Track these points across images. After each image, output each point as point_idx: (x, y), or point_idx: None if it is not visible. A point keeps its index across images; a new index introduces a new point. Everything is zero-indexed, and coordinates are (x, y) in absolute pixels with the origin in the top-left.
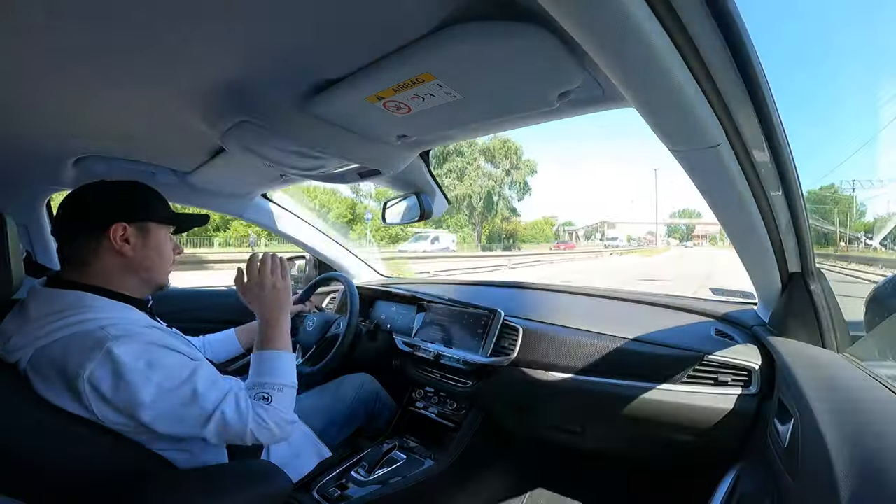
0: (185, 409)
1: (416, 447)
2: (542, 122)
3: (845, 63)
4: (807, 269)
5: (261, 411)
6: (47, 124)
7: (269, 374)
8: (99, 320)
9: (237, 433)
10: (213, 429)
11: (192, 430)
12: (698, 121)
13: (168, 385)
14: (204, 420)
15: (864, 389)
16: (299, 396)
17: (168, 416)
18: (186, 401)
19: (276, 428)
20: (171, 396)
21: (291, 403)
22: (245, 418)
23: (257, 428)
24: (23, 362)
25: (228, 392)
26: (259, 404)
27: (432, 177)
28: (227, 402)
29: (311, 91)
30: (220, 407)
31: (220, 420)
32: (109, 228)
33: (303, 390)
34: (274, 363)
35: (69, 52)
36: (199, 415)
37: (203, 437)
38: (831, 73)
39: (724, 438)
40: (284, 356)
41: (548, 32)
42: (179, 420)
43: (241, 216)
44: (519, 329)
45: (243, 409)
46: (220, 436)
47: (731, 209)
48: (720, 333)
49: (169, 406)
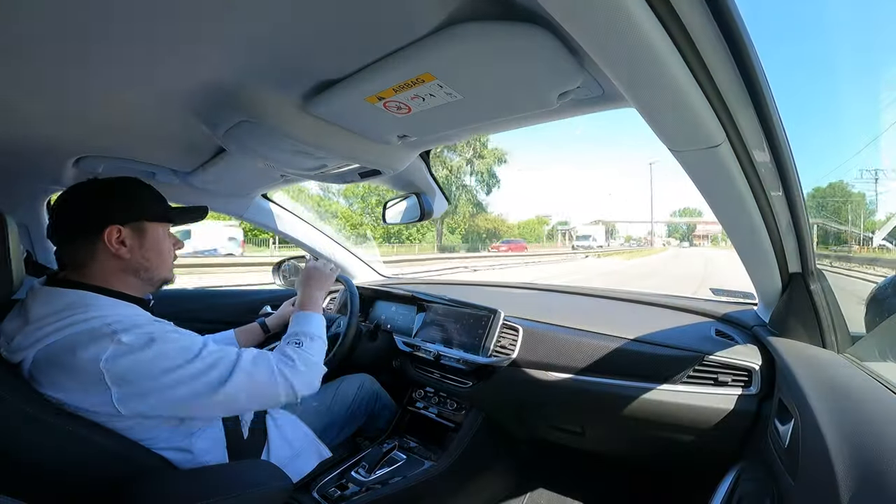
0: (208, 372)
1: (417, 447)
2: (542, 122)
3: (845, 62)
4: (807, 270)
5: (290, 351)
6: (47, 124)
7: (302, 324)
8: (103, 317)
9: (267, 382)
10: (240, 385)
11: (213, 393)
12: (698, 121)
13: (186, 356)
14: (226, 379)
15: (864, 390)
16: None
17: (192, 386)
18: (207, 364)
19: (306, 367)
20: (191, 366)
21: (322, 352)
22: (269, 365)
23: (287, 368)
24: (27, 362)
25: (242, 352)
26: (291, 346)
27: (432, 177)
28: (244, 359)
29: (312, 91)
30: (240, 363)
31: (244, 376)
32: (104, 232)
33: None
34: (308, 318)
35: (68, 51)
36: (221, 375)
37: (231, 405)
38: (831, 73)
39: (725, 439)
40: (317, 316)
41: (548, 33)
42: (204, 387)
43: (242, 216)
44: (519, 329)
45: (261, 359)
46: (250, 394)
47: (732, 209)
48: (720, 334)
49: (190, 374)
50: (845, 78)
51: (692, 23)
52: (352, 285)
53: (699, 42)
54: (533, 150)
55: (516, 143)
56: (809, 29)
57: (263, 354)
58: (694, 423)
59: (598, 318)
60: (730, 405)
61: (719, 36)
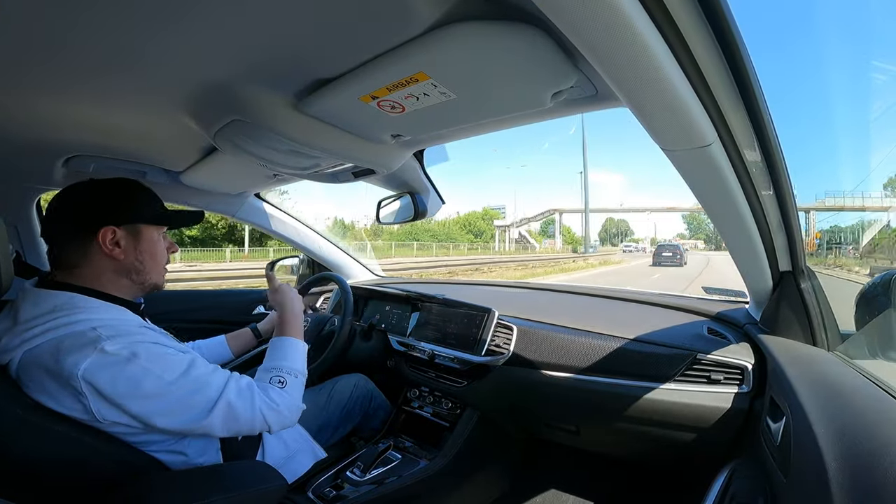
0: (189, 398)
1: (412, 447)
2: (536, 121)
3: (840, 61)
4: (797, 268)
5: (275, 395)
6: (37, 123)
7: (285, 357)
8: (91, 321)
9: (246, 419)
10: (219, 416)
11: (195, 422)
12: (690, 120)
13: (169, 377)
14: (208, 408)
15: (854, 387)
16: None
17: (171, 407)
18: (189, 390)
19: (288, 412)
20: (173, 387)
21: (301, 391)
22: (252, 402)
23: (268, 411)
24: (13, 364)
25: (230, 378)
26: (274, 388)
27: (426, 176)
28: (230, 388)
29: (305, 90)
30: (224, 393)
31: (225, 407)
32: (99, 233)
33: None
34: (290, 349)
35: (58, 49)
36: (203, 403)
37: (207, 429)
38: (825, 73)
39: (717, 436)
40: (300, 344)
41: (542, 32)
42: (183, 410)
43: (234, 216)
44: (513, 328)
45: (247, 394)
46: (227, 424)
47: (723, 208)
48: (712, 332)
49: (172, 397)
50: (840, 78)
51: (685, 23)
52: (346, 285)
53: (691, 42)
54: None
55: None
56: (804, 28)
57: (249, 389)
58: (687, 422)
59: (591, 317)
60: (722, 403)
61: (711, 36)
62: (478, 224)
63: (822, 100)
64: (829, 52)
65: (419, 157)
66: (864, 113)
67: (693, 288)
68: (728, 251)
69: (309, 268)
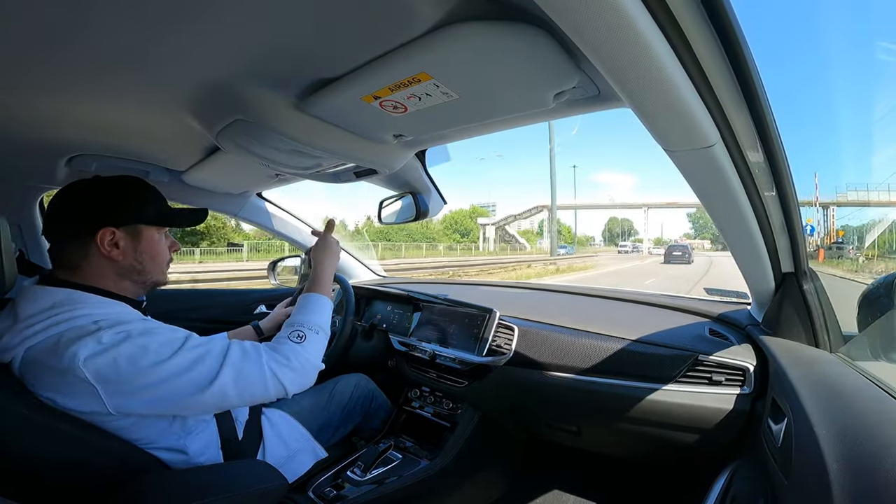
0: (192, 367)
1: (412, 447)
2: (538, 121)
3: (841, 63)
4: (800, 269)
5: (287, 350)
6: (39, 122)
7: (311, 311)
8: (92, 315)
9: (257, 379)
10: (227, 379)
11: (204, 390)
12: (693, 121)
13: (167, 350)
14: (213, 374)
15: (856, 388)
16: (295, 397)
17: (176, 379)
18: (191, 359)
19: (302, 368)
20: (175, 358)
21: (322, 350)
22: (259, 361)
23: (279, 367)
24: (16, 361)
25: (231, 343)
26: (288, 344)
27: (428, 176)
28: (233, 351)
29: (308, 90)
30: (228, 356)
31: (231, 370)
32: (97, 234)
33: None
34: (317, 304)
35: (60, 49)
36: (207, 371)
37: (219, 398)
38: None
39: (718, 438)
40: (327, 301)
41: (544, 33)
42: (190, 381)
43: (236, 215)
44: (514, 328)
45: (252, 353)
46: (239, 388)
47: (725, 209)
48: (714, 333)
49: (175, 369)
50: (842, 79)
51: (688, 23)
52: (347, 284)
53: (694, 42)
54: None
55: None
56: (805, 30)
57: (254, 349)
58: (688, 423)
59: (593, 318)
60: (724, 404)
61: (714, 36)
62: (465, 223)
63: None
64: (835, 52)
65: (421, 158)
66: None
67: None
68: (730, 252)
69: (311, 267)
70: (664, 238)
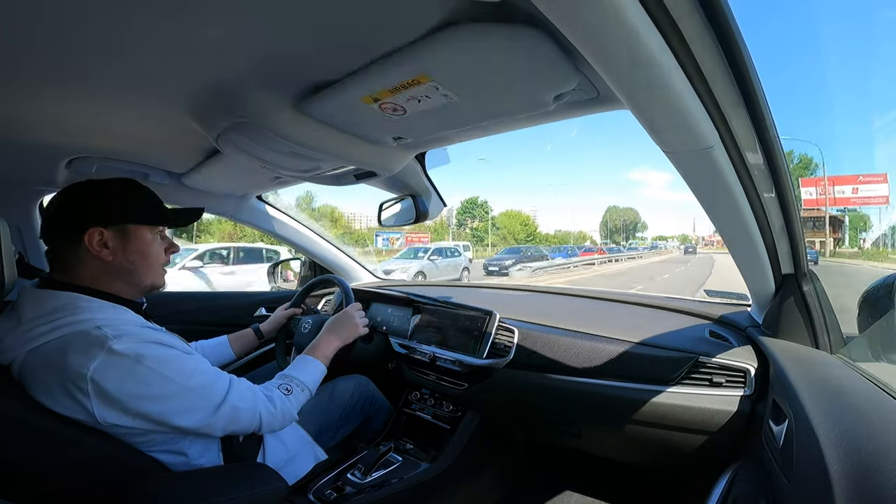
0: (197, 398)
1: (413, 449)
2: (537, 123)
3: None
4: (800, 271)
5: (276, 397)
6: (39, 125)
7: (305, 372)
8: (94, 320)
9: (247, 419)
10: (224, 415)
11: (201, 420)
12: (692, 123)
13: (179, 378)
14: (215, 408)
15: (856, 390)
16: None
17: (180, 406)
18: (198, 390)
19: (282, 417)
20: (183, 388)
21: (301, 404)
22: (255, 404)
23: (266, 413)
24: (16, 364)
25: (231, 380)
26: (279, 393)
27: (428, 179)
28: (234, 390)
29: (307, 92)
30: (229, 394)
31: (229, 410)
32: (85, 234)
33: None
34: (311, 366)
35: (60, 51)
36: (210, 403)
37: (209, 431)
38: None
39: (719, 439)
40: (322, 367)
41: (544, 35)
42: (192, 409)
43: (236, 218)
44: (514, 331)
45: (248, 396)
46: (230, 422)
47: (725, 211)
48: (714, 335)
49: (181, 397)
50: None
51: (686, 25)
52: (347, 287)
53: (693, 44)
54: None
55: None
56: (803, 30)
57: (251, 392)
58: (689, 425)
59: (593, 320)
60: (724, 406)
61: (714, 38)
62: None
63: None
64: (835, 52)
65: (421, 160)
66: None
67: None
68: (730, 253)
69: (310, 270)
70: (695, 235)
